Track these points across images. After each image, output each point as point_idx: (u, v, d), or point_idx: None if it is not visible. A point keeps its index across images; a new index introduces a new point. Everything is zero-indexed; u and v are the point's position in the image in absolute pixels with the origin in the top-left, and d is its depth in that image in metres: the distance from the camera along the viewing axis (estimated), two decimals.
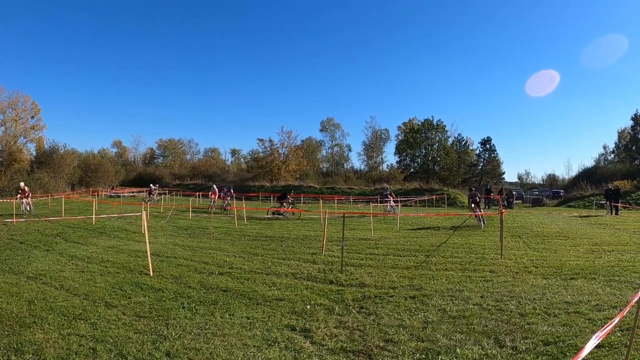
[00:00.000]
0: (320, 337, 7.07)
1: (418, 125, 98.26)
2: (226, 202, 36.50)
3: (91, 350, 6.57)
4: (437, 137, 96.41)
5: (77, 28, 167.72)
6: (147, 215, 14.35)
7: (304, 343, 6.86)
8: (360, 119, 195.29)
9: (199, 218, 30.47)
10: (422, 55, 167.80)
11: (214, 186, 40.33)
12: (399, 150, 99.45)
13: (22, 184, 34.25)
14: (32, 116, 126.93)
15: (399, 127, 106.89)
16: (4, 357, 6.35)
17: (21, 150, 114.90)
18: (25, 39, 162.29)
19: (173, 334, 7.19)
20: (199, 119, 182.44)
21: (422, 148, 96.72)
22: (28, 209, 32.38)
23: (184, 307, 8.76)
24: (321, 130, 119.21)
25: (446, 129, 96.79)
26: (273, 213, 32.31)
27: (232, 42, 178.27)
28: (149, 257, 12.45)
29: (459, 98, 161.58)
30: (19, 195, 32.64)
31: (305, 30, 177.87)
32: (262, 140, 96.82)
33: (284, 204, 33.49)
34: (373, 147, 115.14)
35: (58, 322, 7.89)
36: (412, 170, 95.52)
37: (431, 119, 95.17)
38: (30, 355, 6.41)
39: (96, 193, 60.69)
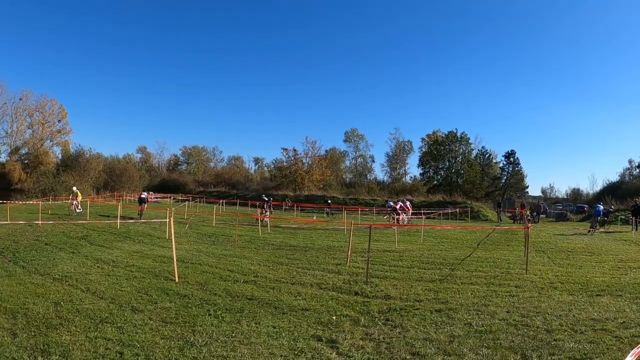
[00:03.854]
0: (347, 349, 7.00)
1: (442, 137, 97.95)
2: (268, 213, 36.33)
3: (118, 354, 6.55)
4: (461, 150, 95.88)
5: (104, 36, 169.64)
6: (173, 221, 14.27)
7: (331, 354, 6.79)
8: (384, 130, 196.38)
9: (223, 225, 30.56)
10: (446, 67, 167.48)
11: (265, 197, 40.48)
12: (422, 162, 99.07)
13: (74, 188, 36.77)
14: (59, 120, 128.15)
15: (423, 139, 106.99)
16: (31, 357, 6.36)
17: (47, 153, 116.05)
18: (54, 46, 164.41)
19: (200, 340, 7.15)
20: (223, 127, 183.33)
21: (445, 160, 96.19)
22: (77, 211, 34.41)
23: (210, 314, 8.73)
24: (345, 141, 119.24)
25: (470, 141, 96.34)
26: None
27: (256, 52, 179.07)
28: (175, 263, 12.43)
29: (484, 111, 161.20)
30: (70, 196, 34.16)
31: (329, 40, 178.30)
32: (286, 149, 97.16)
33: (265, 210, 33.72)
34: (396, 158, 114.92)
35: (84, 324, 7.90)
36: (435, 182, 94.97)
37: (455, 132, 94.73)
38: (57, 357, 6.41)
39: (120, 197, 60.94)
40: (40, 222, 25.05)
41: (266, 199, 38.80)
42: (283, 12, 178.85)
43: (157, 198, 68.97)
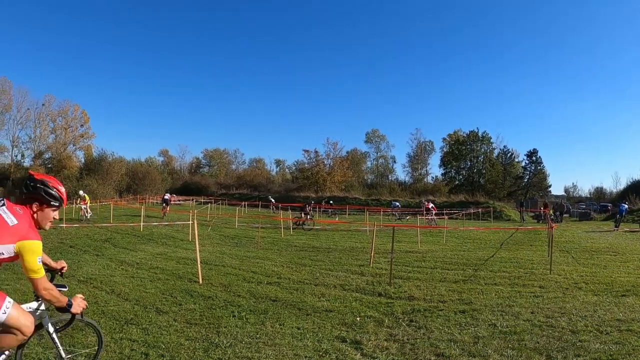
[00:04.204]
0: (371, 350, 6.96)
1: (463, 137, 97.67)
2: (309, 216, 36.06)
3: (144, 355, 6.59)
4: (482, 149, 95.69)
5: (124, 40, 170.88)
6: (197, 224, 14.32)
7: (355, 355, 6.76)
8: (405, 130, 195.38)
9: (245, 227, 30.69)
10: (468, 67, 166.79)
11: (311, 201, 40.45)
12: (444, 162, 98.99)
13: (81, 192, 34.92)
14: (82, 124, 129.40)
15: (444, 139, 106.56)
16: (57, 358, 6.40)
17: (70, 157, 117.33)
18: (75, 51, 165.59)
19: (224, 342, 7.16)
20: (244, 129, 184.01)
21: (467, 160, 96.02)
22: (87, 216, 33.03)
23: (234, 316, 8.76)
24: (366, 142, 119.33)
25: (491, 140, 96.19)
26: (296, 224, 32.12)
27: (276, 54, 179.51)
28: (199, 265, 12.51)
29: (505, 110, 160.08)
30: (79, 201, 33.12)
31: (349, 41, 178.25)
32: (307, 151, 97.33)
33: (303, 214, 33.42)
34: (418, 159, 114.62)
35: (110, 326, 7.94)
36: (457, 182, 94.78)
37: (476, 131, 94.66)
38: (83, 358, 6.44)
39: (143, 200, 61.26)
40: (64, 225, 25.29)
41: (309, 201, 38.71)
42: (304, 13, 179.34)
43: (179, 200, 69.28)
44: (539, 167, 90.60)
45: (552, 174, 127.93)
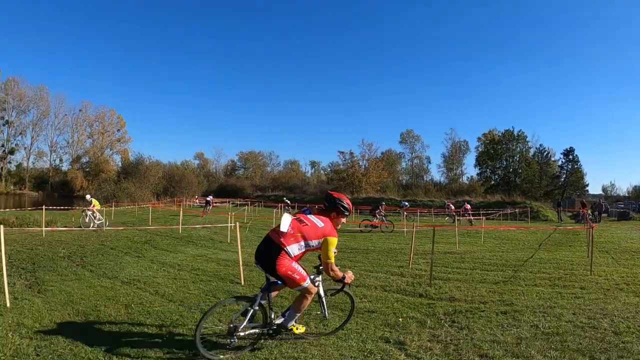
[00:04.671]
0: (415, 350, 7.00)
1: (498, 136, 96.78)
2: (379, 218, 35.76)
3: (192, 355, 6.71)
4: (518, 148, 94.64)
5: (157, 46, 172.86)
6: (236, 226, 14.41)
7: (400, 355, 6.81)
8: (440, 130, 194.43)
9: None
10: (502, 64, 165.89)
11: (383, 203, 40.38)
12: (479, 162, 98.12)
13: (87, 196, 31.98)
14: (118, 129, 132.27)
15: (479, 139, 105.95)
16: (106, 358, 6.52)
17: (108, 161, 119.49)
18: (111, 57, 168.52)
19: (270, 342, 7.24)
20: (278, 132, 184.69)
21: (502, 160, 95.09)
22: (96, 222, 29.19)
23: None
24: (401, 142, 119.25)
25: (527, 139, 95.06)
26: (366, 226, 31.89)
27: (310, 55, 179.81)
28: (241, 267, 12.61)
29: (540, 108, 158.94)
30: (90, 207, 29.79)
31: (381, 42, 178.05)
32: (342, 152, 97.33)
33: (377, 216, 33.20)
34: (453, 159, 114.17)
35: (156, 325, 8.11)
36: (492, 182, 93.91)
37: (512, 130, 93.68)
38: (132, 358, 6.57)
39: (180, 202, 61.76)
40: (104, 227, 25.68)
41: (380, 203, 38.49)
42: (337, 13, 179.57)
43: (216, 203, 69.68)
44: (575, 166, 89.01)
45: (589, 173, 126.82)
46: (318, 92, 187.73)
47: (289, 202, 61.60)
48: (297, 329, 7.29)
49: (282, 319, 7.10)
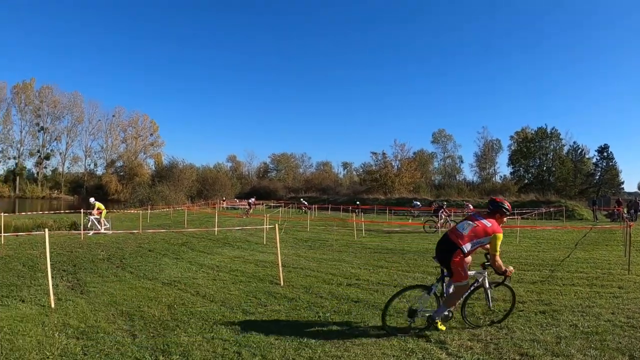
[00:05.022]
0: (456, 349, 7.01)
1: (531, 134, 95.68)
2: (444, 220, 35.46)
3: (236, 354, 6.77)
4: (552, 146, 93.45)
5: (190, 51, 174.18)
6: (275, 228, 14.53)
7: (441, 354, 6.82)
8: (472, 129, 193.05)
9: (317, 230, 30.95)
10: (534, 62, 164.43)
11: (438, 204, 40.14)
12: (512, 161, 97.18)
13: (92, 199, 29.33)
14: (151, 133, 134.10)
15: (512, 137, 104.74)
16: (152, 357, 6.63)
17: (141, 165, 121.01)
18: (143, 64, 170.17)
19: (313, 342, 7.30)
20: (310, 133, 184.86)
21: (536, 158, 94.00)
22: (101, 228, 27.18)
23: (319, 316, 8.90)
24: (433, 142, 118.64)
25: (560, 137, 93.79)
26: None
27: (341, 60, 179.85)
28: (280, 268, 12.67)
29: (573, 104, 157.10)
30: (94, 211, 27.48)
31: (414, 40, 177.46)
32: (375, 153, 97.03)
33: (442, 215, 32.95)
34: (485, 158, 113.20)
35: (199, 326, 8.18)
36: (526, 181, 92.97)
37: (545, 127, 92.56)
38: (178, 356, 6.69)
39: (215, 205, 62.14)
40: (140, 230, 25.95)
41: (441, 204, 38.27)
42: (367, 10, 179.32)
43: (239, 206, 69.96)
44: (610, 163, 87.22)
45: (625, 170, 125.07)
46: (348, 92, 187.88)
47: (305, 202, 62.30)
48: (440, 324, 8.14)
49: (432, 312, 8.10)
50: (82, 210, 30.66)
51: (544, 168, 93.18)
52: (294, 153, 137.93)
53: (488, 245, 7.99)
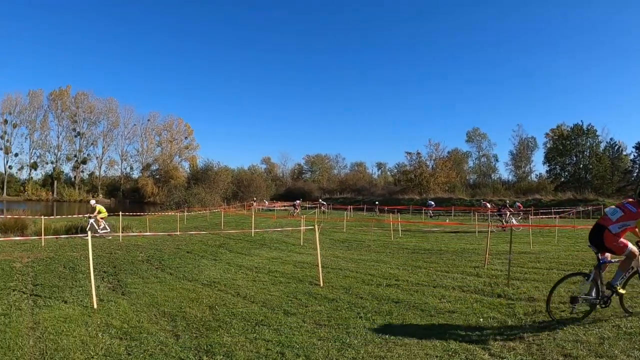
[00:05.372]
0: (498, 350, 6.95)
1: (567, 131, 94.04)
2: (514, 219, 35.12)
3: (280, 355, 6.79)
4: (588, 143, 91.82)
5: (222, 53, 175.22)
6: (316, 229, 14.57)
7: (484, 355, 6.76)
8: (506, 127, 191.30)
9: (354, 231, 30.97)
10: (567, 58, 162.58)
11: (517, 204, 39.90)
12: (547, 159, 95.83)
13: (92, 201, 29.00)
14: (186, 137, 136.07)
15: (547, 134, 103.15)
16: (196, 357, 6.68)
17: (177, 168, 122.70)
18: (177, 69, 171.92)
19: (356, 342, 7.29)
20: (344, 134, 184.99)
21: (572, 155, 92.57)
22: (99, 231, 26.21)
23: (360, 317, 8.87)
24: (467, 141, 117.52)
25: (597, 133, 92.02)
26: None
27: (373, 60, 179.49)
28: (320, 269, 12.67)
29: (609, 100, 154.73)
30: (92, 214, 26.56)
31: (446, 37, 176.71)
32: (410, 153, 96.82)
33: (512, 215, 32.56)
34: (521, 156, 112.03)
35: (242, 327, 8.22)
36: (562, 179, 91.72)
37: (581, 124, 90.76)
38: (221, 357, 6.73)
39: (250, 207, 62.50)
40: (178, 232, 26.16)
41: (504, 204, 38.02)
42: (398, 9, 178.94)
43: (285, 206, 70.20)
44: None
45: None
46: (380, 91, 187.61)
47: (324, 203, 63.54)
48: (620, 288, 8.67)
49: (612, 279, 8.68)
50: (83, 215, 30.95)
51: (581, 166, 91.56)
52: (328, 154, 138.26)
53: (637, 229, 8.58)
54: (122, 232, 25.33)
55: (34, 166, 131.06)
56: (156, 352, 6.90)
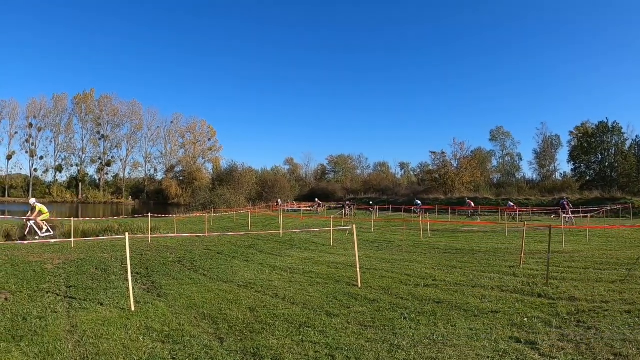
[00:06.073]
0: (548, 350, 6.89)
1: (592, 129, 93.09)
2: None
3: (330, 357, 6.72)
4: (613, 141, 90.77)
5: (243, 55, 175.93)
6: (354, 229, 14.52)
7: (534, 355, 6.72)
8: (530, 125, 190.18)
9: (382, 231, 30.96)
10: (591, 56, 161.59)
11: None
12: (572, 157, 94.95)
13: (32, 200, 25.46)
14: (209, 138, 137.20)
15: (571, 132, 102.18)
16: None
17: (200, 169, 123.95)
18: (200, 71, 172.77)
19: (404, 343, 7.21)
20: (366, 134, 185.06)
21: (597, 153, 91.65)
22: (40, 234, 24.11)
23: (405, 318, 8.78)
24: (491, 140, 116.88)
25: (622, 131, 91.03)
26: None
27: (394, 60, 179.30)
28: (358, 269, 12.65)
29: (634, 97, 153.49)
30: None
31: (467, 36, 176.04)
32: (434, 152, 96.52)
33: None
34: (545, 154, 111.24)
35: (286, 329, 8.14)
36: (588, 178, 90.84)
37: (606, 121, 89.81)
38: None
39: (276, 207, 62.72)
40: (206, 232, 26.24)
41: (562, 203, 37.79)
42: (419, 7, 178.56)
43: (309, 207, 70.26)
44: None
45: None
46: (402, 94, 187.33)
47: (320, 202, 66.85)
48: None
49: None
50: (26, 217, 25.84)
51: (606, 164, 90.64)
52: (351, 154, 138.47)
53: None
54: (150, 234, 25.40)
55: (59, 169, 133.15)
56: (202, 356, 6.84)
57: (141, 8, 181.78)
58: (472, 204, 56.94)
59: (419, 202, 60.51)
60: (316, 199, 64.93)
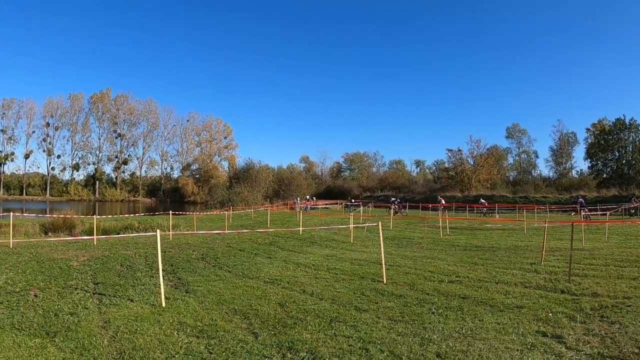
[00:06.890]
0: (574, 343, 7.04)
1: (609, 126, 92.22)
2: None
3: (364, 350, 6.84)
4: (631, 138, 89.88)
5: (259, 55, 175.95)
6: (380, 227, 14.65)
7: (561, 348, 6.87)
8: (546, 122, 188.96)
9: (401, 228, 31.07)
10: (607, 53, 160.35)
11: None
12: (589, 155, 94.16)
13: None
14: (225, 137, 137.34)
15: (588, 130, 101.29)
16: (279, 354, 6.78)
17: (216, 167, 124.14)
18: (215, 69, 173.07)
19: (435, 337, 7.36)
20: (381, 132, 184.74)
21: (614, 151, 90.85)
22: None
23: (432, 313, 8.92)
24: (507, 137, 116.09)
25: None
26: None
27: (411, 58, 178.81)
28: (384, 266, 12.76)
29: None
30: None
31: (485, 31, 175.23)
32: (451, 150, 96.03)
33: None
34: (561, 152, 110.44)
35: (317, 323, 8.29)
36: (605, 175, 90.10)
37: (623, 118, 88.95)
38: (305, 353, 6.79)
39: (293, 205, 62.89)
40: (226, 230, 26.43)
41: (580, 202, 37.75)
42: (435, 3, 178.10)
43: (326, 205, 70.34)
44: None
45: None
46: (418, 88, 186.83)
47: (308, 197, 67.58)
48: None
49: None
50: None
51: (624, 161, 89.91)
52: (366, 152, 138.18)
53: None
54: (172, 231, 25.67)
55: (76, 167, 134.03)
56: (238, 350, 6.98)
57: (155, 7, 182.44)
58: (486, 203, 56.67)
59: (394, 198, 60.85)
60: (307, 196, 64.75)
